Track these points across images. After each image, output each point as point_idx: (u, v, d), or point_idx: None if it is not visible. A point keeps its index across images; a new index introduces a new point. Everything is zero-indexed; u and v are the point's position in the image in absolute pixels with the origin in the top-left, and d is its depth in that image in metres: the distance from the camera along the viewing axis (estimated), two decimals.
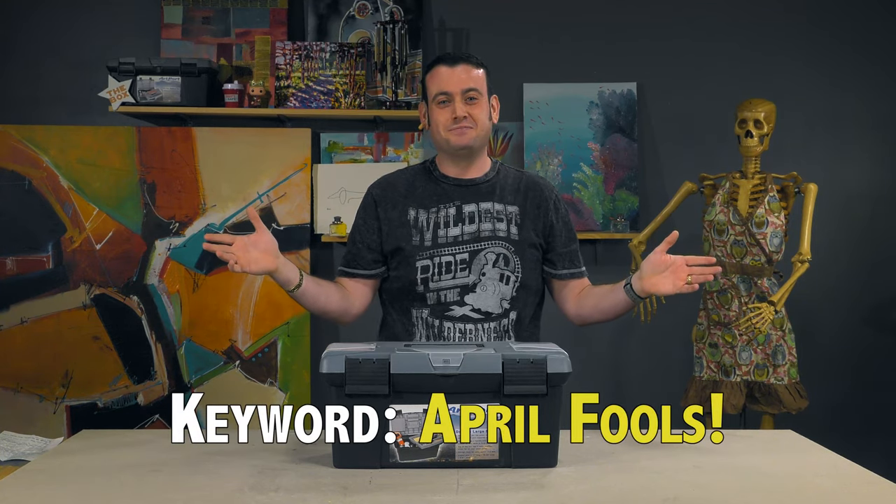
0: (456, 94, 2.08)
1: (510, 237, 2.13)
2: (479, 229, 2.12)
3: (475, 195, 2.15)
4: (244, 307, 3.60)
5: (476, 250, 2.11)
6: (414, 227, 2.13)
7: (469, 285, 2.10)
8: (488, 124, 2.15)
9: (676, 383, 3.54)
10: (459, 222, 2.12)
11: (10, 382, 3.56)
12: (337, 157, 3.72)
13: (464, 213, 2.13)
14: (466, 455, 1.60)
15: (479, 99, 2.10)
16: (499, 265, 2.11)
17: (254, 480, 1.55)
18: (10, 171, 3.60)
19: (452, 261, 2.10)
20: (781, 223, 3.19)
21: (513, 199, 2.16)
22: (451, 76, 2.09)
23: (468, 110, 2.09)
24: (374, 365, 1.59)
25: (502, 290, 2.11)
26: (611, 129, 3.74)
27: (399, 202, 2.16)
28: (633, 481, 1.57)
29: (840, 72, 3.79)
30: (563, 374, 1.62)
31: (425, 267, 2.10)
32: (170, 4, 3.69)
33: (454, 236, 2.11)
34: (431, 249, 2.11)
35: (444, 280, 2.10)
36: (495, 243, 2.12)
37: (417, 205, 2.15)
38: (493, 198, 2.15)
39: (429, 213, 2.13)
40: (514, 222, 2.14)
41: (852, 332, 3.81)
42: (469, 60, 2.12)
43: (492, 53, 3.74)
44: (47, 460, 1.71)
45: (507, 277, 2.12)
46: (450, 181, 2.16)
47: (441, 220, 2.13)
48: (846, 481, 1.59)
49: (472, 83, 2.09)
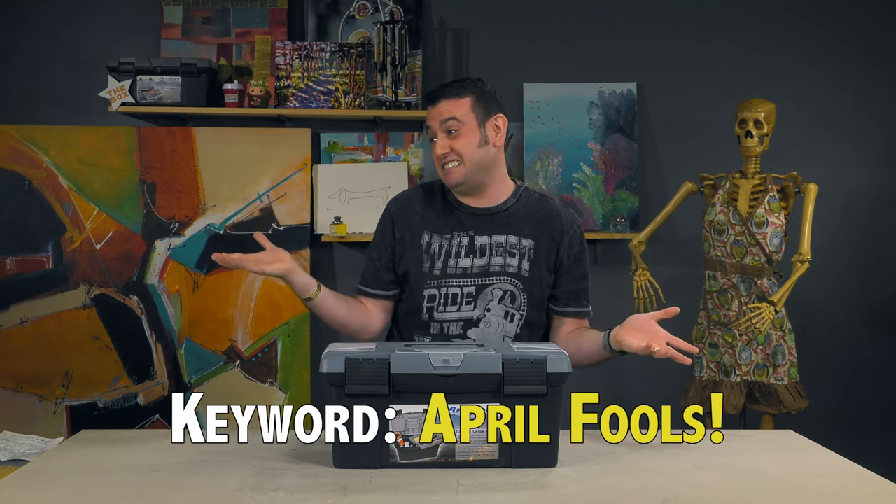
0: (437, 129, 2.05)
1: (521, 273, 2.08)
2: (490, 263, 2.07)
3: (489, 226, 2.09)
4: (244, 307, 3.60)
5: (483, 285, 2.07)
6: (426, 253, 2.09)
7: (473, 319, 2.06)
8: (478, 152, 2.04)
9: (676, 383, 3.54)
10: (471, 254, 2.07)
11: (10, 382, 3.56)
12: (337, 157, 3.72)
13: (476, 244, 2.08)
14: (466, 455, 1.60)
15: (459, 129, 2.03)
16: (504, 302, 2.07)
17: (254, 480, 1.55)
18: (10, 171, 3.60)
19: (459, 293, 2.06)
20: (781, 223, 3.19)
21: (529, 232, 2.09)
22: (432, 112, 2.06)
23: (450, 144, 2.03)
24: (374, 365, 1.59)
25: (506, 328, 2.07)
26: (611, 129, 3.74)
27: (415, 223, 2.12)
28: (633, 481, 1.57)
29: (840, 72, 3.79)
30: (563, 374, 1.62)
31: (432, 296, 2.07)
32: (170, 4, 3.69)
33: (464, 268, 2.07)
34: (440, 279, 2.07)
35: (448, 311, 2.07)
36: (504, 279, 2.07)
37: (432, 229, 2.10)
38: (508, 229, 2.09)
39: (442, 240, 2.09)
40: (528, 257, 2.08)
41: (852, 332, 3.81)
42: (449, 93, 2.05)
43: (492, 53, 3.76)
44: (47, 460, 1.71)
45: (512, 315, 2.07)
46: (465, 209, 2.11)
47: (453, 250, 2.08)
48: (846, 481, 1.59)
49: (450, 113, 2.03)
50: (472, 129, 2.04)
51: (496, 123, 2.08)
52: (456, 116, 2.03)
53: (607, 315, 3.71)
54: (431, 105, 2.07)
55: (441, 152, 2.04)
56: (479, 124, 2.05)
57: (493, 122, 2.07)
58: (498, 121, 2.08)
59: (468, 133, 2.03)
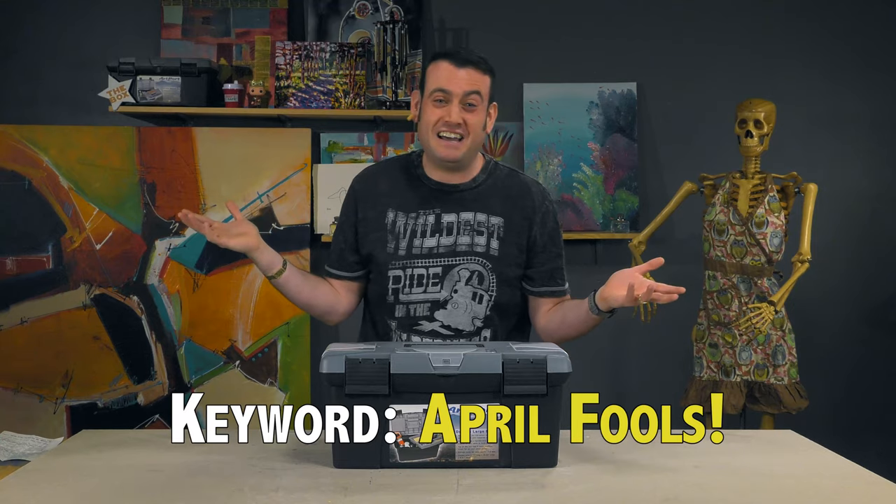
0: (456, 95, 1.94)
1: (489, 252, 2.01)
2: (457, 242, 2.01)
3: (457, 204, 2.02)
4: (244, 307, 3.60)
5: (450, 265, 2.00)
6: (390, 233, 2.03)
7: (440, 301, 2.01)
8: (482, 135, 2.00)
9: (676, 383, 3.54)
10: (437, 233, 2.01)
11: (10, 382, 3.56)
12: (337, 157, 3.72)
13: (443, 222, 2.01)
14: (466, 455, 1.60)
15: (478, 106, 1.96)
16: (472, 283, 2.00)
17: (254, 480, 1.55)
18: (10, 171, 3.60)
19: (425, 274, 2.00)
20: (781, 223, 3.19)
21: (499, 209, 2.03)
22: (454, 75, 1.95)
23: (465, 117, 1.95)
24: (375, 365, 1.59)
25: (475, 309, 2.01)
26: (611, 129, 3.74)
27: (380, 201, 2.05)
28: (633, 481, 1.57)
29: (840, 72, 3.79)
30: (563, 374, 1.61)
31: (397, 277, 2.02)
32: (170, 4, 3.69)
33: (429, 247, 2.01)
34: (405, 260, 2.01)
35: (414, 293, 2.01)
36: (471, 259, 2.00)
37: (397, 207, 2.04)
38: (477, 207, 2.02)
39: (408, 218, 2.03)
40: (497, 236, 2.02)
41: (852, 332, 3.81)
42: (478, 65, 1.97)
43: (492, 53, 3.72)
44: (47, 460, 1.71)
45: (481, 296, 2.01)
46: (432, 185, 2.04)
47: (419, 229, 2.01)
48: (846, 481, 1.59)
49: (476, 87, 1.95)
50: (483, 109, 1.99)
51: (491, 111, 2.04)
52: (480, 92, 1.96)
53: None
54: (454, 65, 1.95)
55: (456, 120, 1.94)
56: (487, 107, 2.01)
57: (491, 109, 2.04)
58: (492, 109, 2.05)
59: (481, 112, 1.98)
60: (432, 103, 1.97)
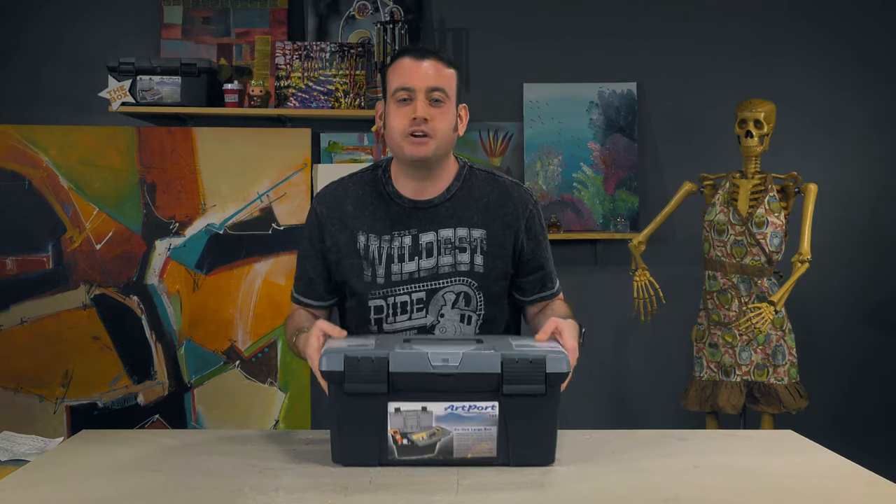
0: (419, 90, 1.78)
1: (473, 270, 1.88)
2: (439, 264, 1.86)
3: (433, 221, 1.87)
4: (244, 307, 3.60)
5: (434, 289, 1.87)
6: (365, 259, 1.87)
7: (427, 327, 1.89)
8: (451, 136, 1.84)
9: (676, 383, 3.54)
10: (416, 255, 1.86)
11: (10, 382, 3.56)
12: (337, 157, 3.72)
13: (421, 243, 1.86)
14: (464, 452, 1.60)
15: (444, 102, 1.80)
16: (459, 306, 1.88)
17: (254, 480, 1.55)
18: (10, 171, 3.59)
19: (408, 300, 1.88)
20: (781, 223, 3.19)
21: (479, 221, 1.88)
22: (415, 70, 1.79)
23: (430, 113, 1.78)
24: (373, 363, 1.58)
25: (464, 331, 1.90)
26: (611, 129, 3.74)
27: (347, 223, 1.89)
28: (633, 481, 1.56)
29: (840, 72, 3.79)
30: (562, 373, 1.61)
31: (378, 307, 1.88)
32: (170, 4, 3.69)
33: (409, 272, 1.86)
34: (385, 288, 1.87)
35: (399, 322, 1.89)
36: (456, 280, 1.87)
37: (368, 229, 1.88)
38: (456, 221, 1.87)
39: (381, 241, 1.87)
40: (480, 250, 1.88)
41: (852, 332, 3.81)
42: (439, 57, 1.82)
43: (492, 53, 3.76)
44: (47, 460, 1.71)
45: (469, 317, 1.90)
46: (404, 203, 1.87)
47: (395, 253, 1.86)
48: (846, 481, 1.59)
49: (440, 82, 1.80)
50: (451, 107, 1.83)
51: (461, 113, 1.89)
52: (444, 87, 1.80)
53: (608, 315, 3.74)
54: (415, 59, 1.80)
55: (422, 114, 1.77)
56: (455, 105, 1.85)
57: (461, 110, 1.89)
58: (463, 111, 1.90)
59: (448, 110, 1.82)
60: (396, 105, 1.81)
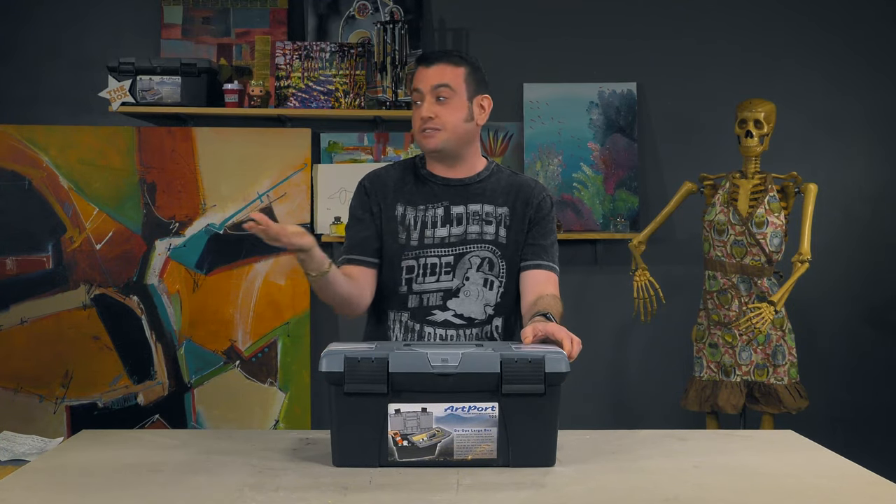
0: (426, 92, 2.00)
1: (498, 240, 2.06)
2: (467, 231, 2.04)
3: (463, 196, 2.07)
4: (244, 307, 3.60)
5: (461, 253, 2.04)
6: (401, 224, 2.05)
7: (452, 290, 2.03)
8: (463, 126, 2.02)
9: (676, 383, 3.54)
10: (447, 223, 2.05)
11: (10, 382, 3.56)
12: (337, 157, 3.72)
13: (452, 214, 2.05)
14: (465, 454, 1.60)
15: (450, 98, 1.99)
16: (483, 269, 2.04)
17: (254, 480, 1.55)
18: (10, 171, 3.60)
19: (438, 263, 2.04)
20: (781, 223, 3.19)
21: (503, 201, 2.07)
22: (423, 75, 2.01)
23: (436, 110, 1.98)
24: (373, 364, 1.59)
25: (486, 296, 2.05)
26: (611, 129, 3.74)
27: (388, 196, 2.08)
28: (633, 481, 1.57)
29: (840, 72, 3.79)
30: (562, 373, 1.61)
31: (410, 267, 2.04)
32: (170, 4, 3.69)
33: (441, 237, 2.04)
34: (417, 249, 2.04)
35: (427, 283, 2.03)
36: (481, 247, 2.05)
37: (406, 201, 2.07)
38: (483, 199, 2.07)
39: (417, 211, 2.06)
40: (504, 224, 2.06)
41: (852, 332, 3.81)
42: (447, 58, 2.02)
43: (492, 53, 3.75)
44: (47, 460, 1.71)
45: (491, 282, 2.05)
46: (438, 181, 2.08)
47: (429, 220, 2.05)
48: (846, 481, 1.59)
49: (444, 80, 1.99)
50: (461, 101, 2.01)
51: (482, 103, 2.05)
52: (449, 84, 1.99)
53: (608, 315, 3.74)
54: (424, 66, 2.02)
55: (426, 115, 1.99)
56: (469, 98, 2.02)
57: (479, 101, 2.05)
58: (484, 101, 2.06)
59: (457, 104, 2.00)
60: (414, 107, 2.04)
